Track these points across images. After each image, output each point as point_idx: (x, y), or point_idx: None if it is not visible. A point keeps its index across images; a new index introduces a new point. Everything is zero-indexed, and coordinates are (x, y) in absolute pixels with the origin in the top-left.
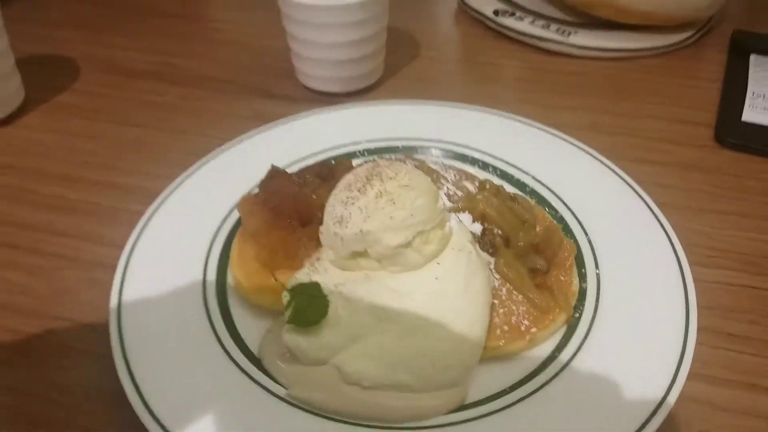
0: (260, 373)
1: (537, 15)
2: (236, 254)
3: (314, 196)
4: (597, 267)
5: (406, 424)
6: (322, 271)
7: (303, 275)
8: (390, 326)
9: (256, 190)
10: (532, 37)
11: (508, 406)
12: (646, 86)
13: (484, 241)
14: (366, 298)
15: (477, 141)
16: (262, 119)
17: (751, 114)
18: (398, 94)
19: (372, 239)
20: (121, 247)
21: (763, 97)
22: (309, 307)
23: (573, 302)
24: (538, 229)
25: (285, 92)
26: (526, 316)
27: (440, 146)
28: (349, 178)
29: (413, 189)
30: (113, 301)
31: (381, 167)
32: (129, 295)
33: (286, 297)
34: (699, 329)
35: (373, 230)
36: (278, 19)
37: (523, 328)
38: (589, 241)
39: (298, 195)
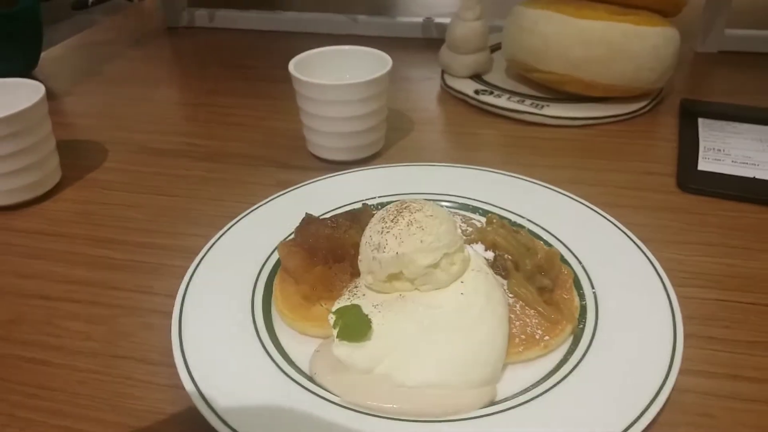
0: (312, 384)
1: (513, 93)
2: (279, 291)
3: (346, 236)
4: (593, 287)
5: (444, 418)
6: (361, 296)
7: (344, 301)
8: (426, 335)
9: (291, 237)
10: (510, 110)
11: (530, 400)
12: (613, 147)
13: (497, 266)
14: (402, 313)
15: (476, 193)
16: (283, 186)
17: (705, 164)
18: (398, 160)
19: (407, 260)
20: (169, 295)
21: (714, 150)
22: (355, 323)
23: (576, 315)
24: (540, 255)
25: (300, 163)
26: (539, 327)
27: (445, 198)
28: (381, 213)
29: (437, 218)
30: (175, 339)
31: (407, 203)
32: (188, 332)
33: (332, 318)
34: (685, 335)
35: (407, 252)
36: (284, 104)
37: (537, 337)
38: (584, 268)
39: (331, 235)
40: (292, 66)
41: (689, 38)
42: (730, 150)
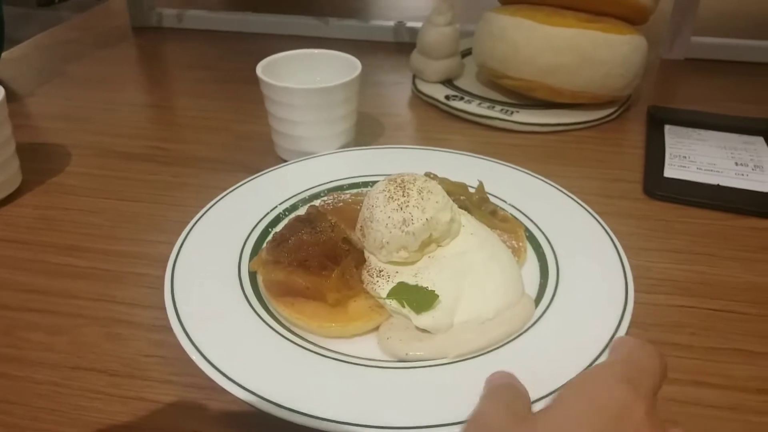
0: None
1: (483, 98)
2: (298, 314)
3: (333, 235)
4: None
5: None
6: (394, 273)
7: (381, 287)
8: (470, 275)
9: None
10: (481, 116)
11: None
12: (581, 154)
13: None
14: (441, 269)
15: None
16: None
17: (671, 171)
18: None
19: (435, 222)
20: (133, 304)
21: (679, 157)
22: (420, 294)
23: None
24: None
25: (269, 167)
26: (508, 240)
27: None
28: (379, 195)
29: (431, 181)
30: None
31: (397, 178)
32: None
33: (392, 303)
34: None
35: (433, 215)
36: (254, 107)
37: (514, 246)
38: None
39: (318, 240)
40: (260, 69)
41: (656, 45)
42: (695, 157)
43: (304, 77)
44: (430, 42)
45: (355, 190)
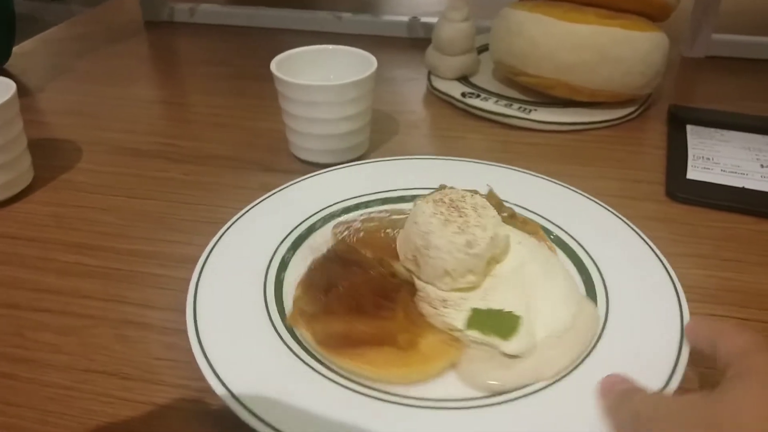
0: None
1: (500, 96)
2: (366, 365)
3: (381, 269)
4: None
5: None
6: (460, 302)
7: (453, 318)
8: (533, 288)
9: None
10: (498, 114)
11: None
12: (601, 154)
13: None
14: (506, 288)
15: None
16: (265, 189)
17: (694, 173)
18: None
19: (498, 238)
20: (144, 305)
21: (702, 158)
22: (500, 319)
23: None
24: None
25: (283, 166)
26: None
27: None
28: (433, 221)
29: (477, 195)
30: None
31: (443, 198)
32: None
33: (470, 333)
34: None
35: (495, 231)
36: (268, 103)
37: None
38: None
39: (367, 278)
40: (274, 65)
41: (676, 43)
42: (719, 158)
43: (319, 74)
44: (446, 38)
45: (360, 212)
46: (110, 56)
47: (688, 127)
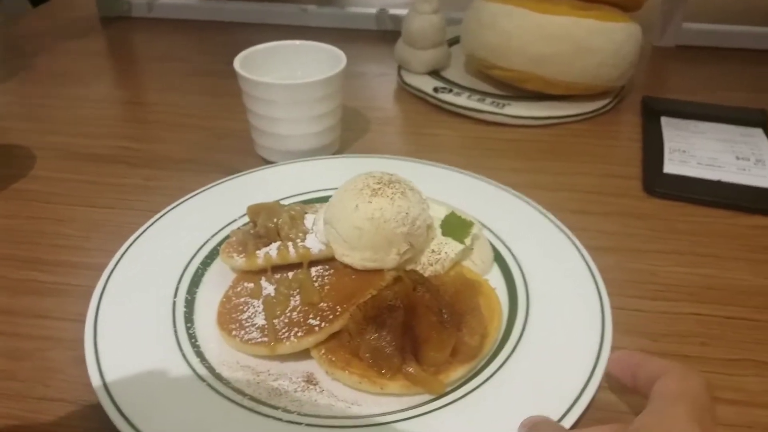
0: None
1: (473, 90)
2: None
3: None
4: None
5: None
6: (438, 247)
7: (444, 256)
8: None
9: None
10: (471, 109)
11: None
12: (577, 148)
13: None
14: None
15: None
16: None
17: (671, 166)
18: None
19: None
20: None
21: (679, 151)
22: (460, 226)
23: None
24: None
25: (248, 167)
26: None
27: None
28: (401, 203)
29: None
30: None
31: (366, 185)
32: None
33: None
34: (661, 354)
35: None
36: (231, 101)
37: None
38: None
39: (398, 318)
40: (238, 63)
41: (646, 32)
42: (694, 151)
43: (285, 71)
44: (416, 31)
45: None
46: (64, 55)
47: (663, 119)
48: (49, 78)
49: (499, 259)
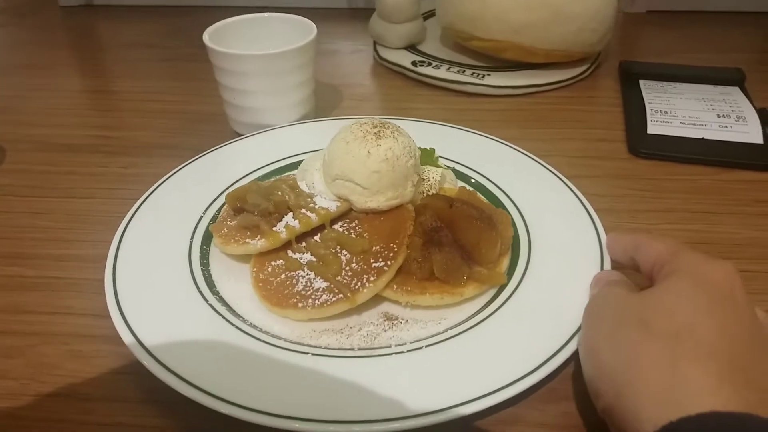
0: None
1: (451, 63)
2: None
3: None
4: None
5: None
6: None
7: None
8: None
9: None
10: (451, 81)
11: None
12: (559, 115)
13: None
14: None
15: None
16: None
17: (654, 127)
18: None
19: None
20: (96, 315)
21: (660, 112)
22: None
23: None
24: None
25: None
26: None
27: None
28: (395, 145)
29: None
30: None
31: (359, 131)
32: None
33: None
34: None
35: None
36: (205, 84)
37: None
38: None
39: (448, 235)
40: (207, 36)
41: None
42: (676, 111)
43: (256, 44)
44: (392, 4)
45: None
46: (26, 45)
47: (641, 82)
48: (13, 70)
49: (497, 203)
